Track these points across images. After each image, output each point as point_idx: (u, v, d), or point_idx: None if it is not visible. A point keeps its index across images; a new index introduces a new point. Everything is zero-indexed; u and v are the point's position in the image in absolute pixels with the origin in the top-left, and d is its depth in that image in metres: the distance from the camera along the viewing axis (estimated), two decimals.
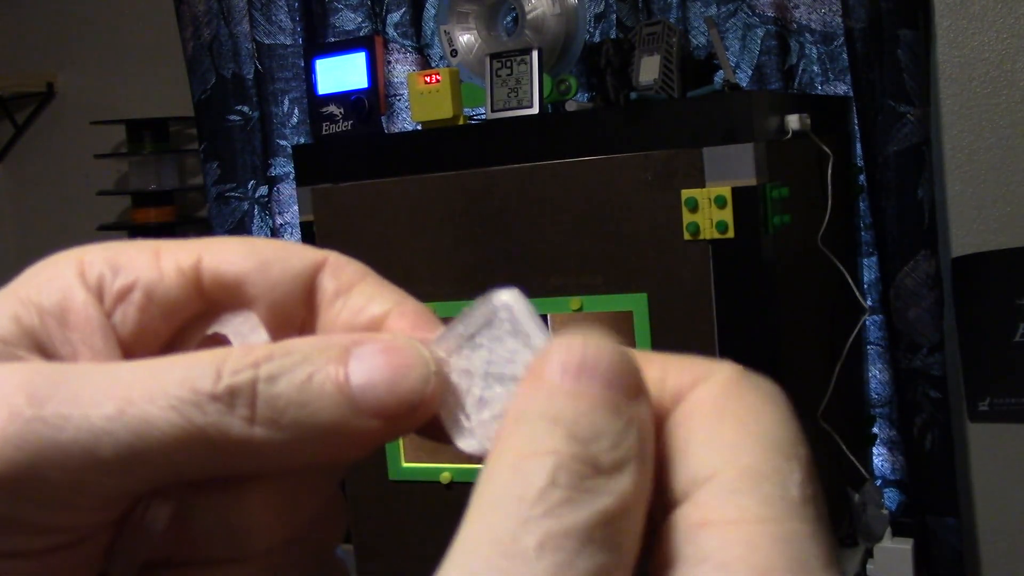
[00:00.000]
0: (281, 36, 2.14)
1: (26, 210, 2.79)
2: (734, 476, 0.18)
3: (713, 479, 0.18)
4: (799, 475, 0.18)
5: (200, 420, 0.19)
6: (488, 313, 0.22)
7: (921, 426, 1.68)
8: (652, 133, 1.28)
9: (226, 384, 0.20)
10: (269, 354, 0.20)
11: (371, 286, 0.24)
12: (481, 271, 1.41)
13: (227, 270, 0.23)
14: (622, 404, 0.19)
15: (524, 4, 1.53)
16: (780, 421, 0.19)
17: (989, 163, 1.69)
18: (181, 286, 0.23)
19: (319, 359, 0.20)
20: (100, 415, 0.19)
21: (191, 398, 0.20)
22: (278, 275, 0.23)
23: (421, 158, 1.46)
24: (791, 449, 0.19)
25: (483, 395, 0.21)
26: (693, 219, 1.24)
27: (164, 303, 0.23)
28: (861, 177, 1.69)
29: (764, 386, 0.20)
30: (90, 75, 2.61)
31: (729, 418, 0.19)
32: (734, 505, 0.18)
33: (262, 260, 0.23)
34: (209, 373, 0.20)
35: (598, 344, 0.20)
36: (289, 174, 2.14)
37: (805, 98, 1.57)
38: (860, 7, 1.62)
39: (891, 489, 1.76)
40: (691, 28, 1.77)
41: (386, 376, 0.21)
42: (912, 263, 1.65)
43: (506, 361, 0.21)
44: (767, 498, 0.18)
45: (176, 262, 0.23)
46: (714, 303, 1.25)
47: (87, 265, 0.23)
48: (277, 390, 0.20)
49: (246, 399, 0.20)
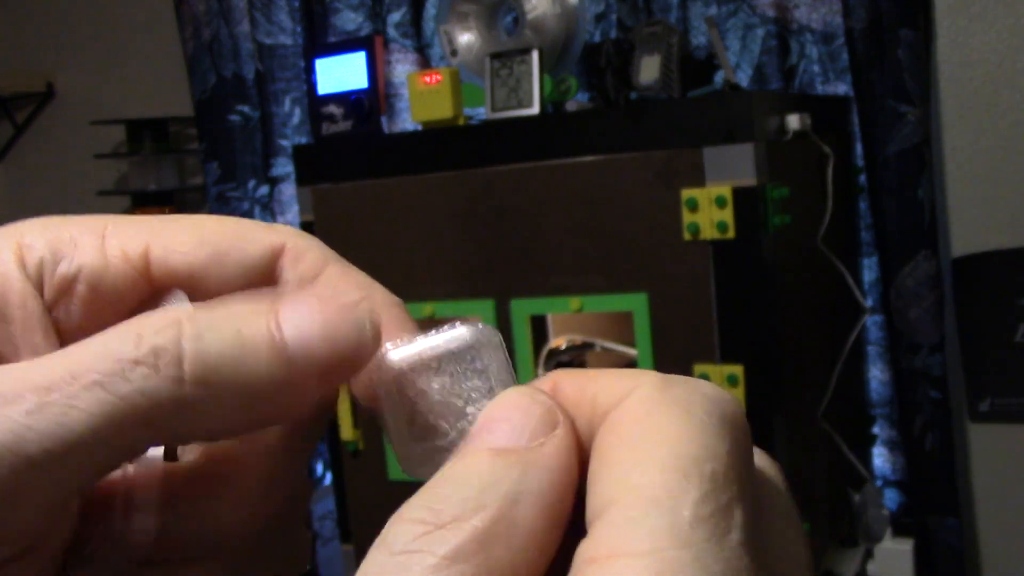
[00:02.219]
0: (281, 36, 2.14)
1: (26, 210, 2.78)
2: (627, 504, 0.18)
3: (609, 509, 0.18)
4: (696, 494, 0.17)
5: (126, 389, 0.18)
6: (460, 343, 0.21)
7: (921, 426, 1.68)
8: (652, 133, 1.28)
9: (148, 344, 0.18)
10: (191, 313, 0.19)
11: (336, 275, 0.23)
12: (481, 271, 1.41)
13: (177, 261, 0.22)
14: (509, 454, 0.19)
15: (524, 4, 1.53)
16: (687, 435, 0.18)
17: (989, 163, 1.69)
18: (127, 275, 0.22)
19: (246, 313, 0.20)
20: (21, 411, 0.18)
21: (113, 368, 0.18)
22: (232, 268, 0.22)
23: (421, 158, 1.46)
24: (692, 465, 0.18)
25: (434, 423, 0.21)
26: (693, 219, 1.24)
27: (110, 293, 0.22)
28: (861, 177, 1.69)
29: (682, 395, 0.19)
30: (90, 75, 2.61)
31: (633, 438, 0.19)
32: (618, 538, 0.17)
33: (214, 251, 0.22)
34: (129, 338, 0.19)
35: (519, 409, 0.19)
36: (289, 174, 2.14)
37: (805, 98, 1.57)
38: (860, 7, 1.62)
39: (891, 489, 1.76)
40: (691, 28, 1.77)
41: (321, 323, 0.20)
42: (912, 263, 1.65)
43: (464, 398, 0.21)
44: (652, 529, 0.17)
45: (123, 248, 0.22)
46: (714, 303, 1.25)
47: (26, 249, 0.21)
48: (204, 345, 0.19)
49: (172, 358, 0.18)
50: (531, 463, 0.18)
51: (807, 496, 1.39)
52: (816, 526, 1.39)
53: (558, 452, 0.19)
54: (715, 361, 1.26)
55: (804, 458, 1.38)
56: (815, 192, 1.47)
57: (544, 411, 0.19)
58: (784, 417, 1.28)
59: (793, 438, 1.32)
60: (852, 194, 1.68)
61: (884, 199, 1.66)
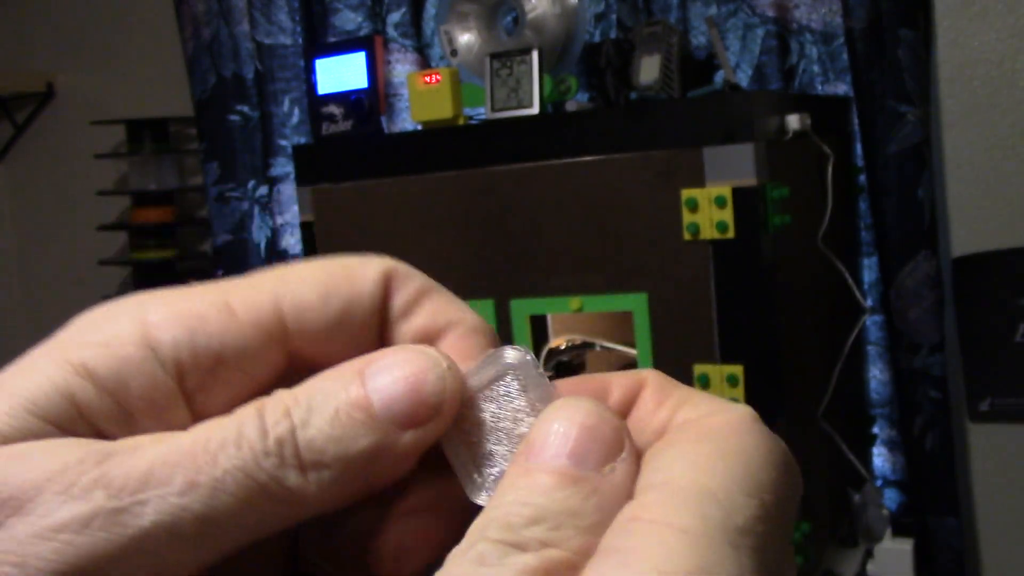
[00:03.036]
0: (281, 36, 2.14)
1: (26, 210, 2.79)
2: (684, 487, 0.19)
3: (664, 485, 0.19)
4: (754, 512, 0.19)
5: (262, 477, 0.20)
6: (499, 369, 0.22)
7: (921, 426, 1.68)
8: (652, 133, 1.28)
9: (273, 436, 0.20)
10: (295, 398, 0.21)
11: (435, 302, 0.24)
12: (481, 271, 1.41)
13: (313, 320, 0.23)
14: (582, 482, 0.19)
15: (524, 4, 1.53)
16: (764, 465, 0.20)
17: (989, 163, 1.69)
18: (269, 347, 0.22)
19: (339, 391, 0.21)
20: (173, 492, 0.19)
21: (250, 456, 0.20)
22: (361, 315, 0.23)
23: (421, 158, 1.46)
24: (758, 490, 0.19)
25: (492, 449, 0.22)
26: (693, 219, 1.24)
27: (251, 368, 0.22)
28: (861, 177, 1.69)
29: (767, 436, 0.21)
30: (90, 75, 2.61)
31: (712, 443, 0.20)
32: (668, 510, 0.18)
33: (344, 303, 0.23)
34: (257, 428, 0.20)
35: (589, 426, 0.20)
36: (289, 174, 2.14)
37: (805, 98, 1.57)
38: (860, 7, 1.62)
39: (891, 489, 1.76)
40: (691, 28, 1.77)
41: (405, 384, 0.21)
42: (912, 263, 1.65)
43: (513, 420, 0.22)
44: (705, 515, 0.18)
45: (255, 319, 0.22)
46: (714, 303, 1.25)
47: (155, 329, 0.21)
48: (311, 432, 0.21)
49: (291, 447, 0.20)
50: (606, 494, 0.19)
51: (807, 496, 1.39)
52: (816, 526, 1.39)
53: (626, 480, 0.20)
54: (715, 361, 1.26)
55: (804, 458, 1.38)
56: (815, 192, 1.46)
57: (611, 431, 0.20)
58: (784, 417, 1.28)
59: (793, 438, 1.32)
60: (852, 194, 1.68)
61: (884, 199, 1.66)
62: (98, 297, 1.75)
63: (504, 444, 0.22)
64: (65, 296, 2.74)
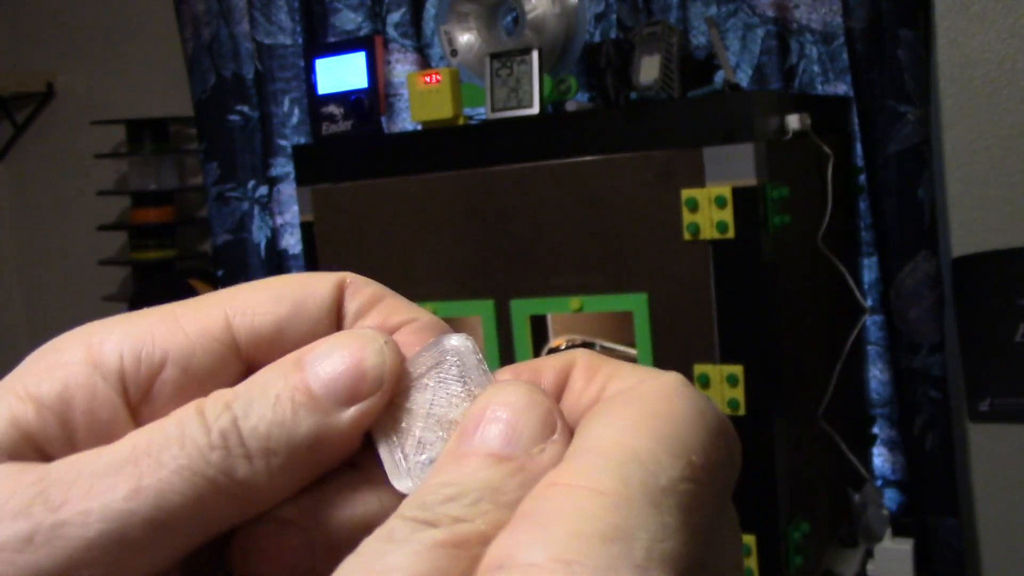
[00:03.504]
0: (281, 36, 2.14)
1: (26, 210, 2.79)
2: (608, 451, 0.18)
3: (586, 451, 0.19)
4: (679, 472, 0.18)
5: (210, 472, 0.20)
6: (438, 355, 0.22)
7: (921, 426, 1.68)
8: (652, 133, 1.28)
9: (216, 429, 0.20)
10: (235, 392, 0.21)
11: (388, 305, 0.24)
12: (481, 271, 1.41)
13: (263, 322, 0.23)
14: (509, 461, 0.19)
15: (524, 4, 1.53)
16: (692, 426, 0.19)
17: (989, 163, 1.69)
18: (216, 352, 0.22)
19: (278, 379, 0.21)
20: (118, 498, 0.19)
21: (195, 453, 0.20)
22: (312, 312, 0.23)
23: (421, 158, 1.46)
24: (685, 451, 0.19)
25: (421, 436, 0.22)
26: (693, 219, 1.24)
27: (201, 373, 0.22)
28: (861, 177, 1.69)
29: (698, 398, 0.20)
30: (90, 75, 2.61)
31: (637, 406, 0.20)
32: (587, 472, 0.18)
33: (292, 302, 0.23)
34: (198, 424, 0.20)
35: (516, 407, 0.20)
36: (289, 174, 2.14)
37: (805, 98, 1.57)
38: (860, 7, 1.62)
39: (891, 489, 1.76)
40: (691, 28, 1.77)
41: (343, 361, 0.21)
42: (912, 263, 1.65)
43: (447, 405, 0.22)
44: (625, 476, 0.18)
45: (202, 327, 0.22)
46: (714, 303, 1.25)
47: (97, 348, 0.21)
48: (254, 420, 0.20)
49: (235, 437, 0.20)
50: (532, 472, 0.19)
51: (807, 496, 1.39)
52: (816, 526, 1.39)
53: (555, 460, 0.19)
54: (715, 361, 1.26)
55: (804, 458, 1.38)
56: (815, 192, 1.46)
57: (543, 413, 0.20)
58: (784, 417, 1.28)
59: (793, 438, 1.32)
60: (852, 194, 1.68)
61: (884, 199, 1.66)
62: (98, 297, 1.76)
63: (435, 431, 0.22)
64: (65, 296, 2.74)
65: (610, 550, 0.17)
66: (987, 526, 1.75)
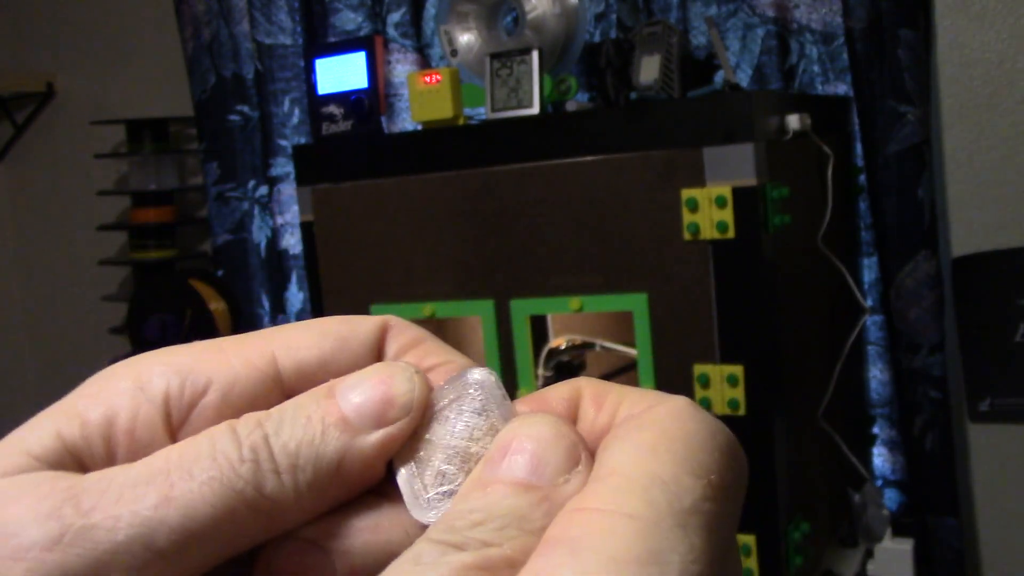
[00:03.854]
0: (281, 36, 2.14)
1: (26, 210, 2.79)
2: (631, 475, 0.19)
3: (609, 475, 0.19)
4: (701, 493, 0.19)
5: (239, 484, 0.20)
6: (460, 388, 0.23)
7: (921, 426, 1.68)
8: (652, 133, 1.28)
9: (247, 445, 0.21)
10: (267, 413, 0.22)
11: (427, 348, 0.25)
12: (481, 271, 1.41)
13: (307, 356, 0.23)
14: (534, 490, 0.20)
15: (524, 4, 1.53)
16: (707, 447, 0.20)
17: (989, 163, 1.69)
18: (257, 379, 0.23)
19: (310, 403, 0.22)
20: (148, 506, 0.20)
21: (226, 465, 0.20)
22: (356, 349, 0.24)
23: (421, 158, 1.46)
24: (704, 471, 0.19)
25: (441, 468, 0.22)
26: (693, 219, 1.24)
27: (242, 402, 0.23)
28: (861, 177, 1.69)
29: (708, 419, 0.21)
30: (90, 75, 2.61)
31: (653, 430, 0.20)
32: (614, 497, 0.18)
33: (336, 339, 0.24)
34: (230, 439, 0.21)
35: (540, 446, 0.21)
36: (289, 174, 2.14)
37: (805, 98, 1.57)
38: (860, 7, 1.62)
39: (891, 489, 1.76)
40: (691, 28, 1.77)
41: (373, 387, 0.22)
42: (912, 263, 1.65)
43: (468, 438, 0.22)
44: (652, 500, 0.18)
45: (247, 357, 0.23)
46: (714, 303, 1.25)
47: (145, 375, 0.22)
48: (284, 438, 0.21)
49: (265, 452, 0.21)
50: (557, 502, 0.20)
51: (807, 496, 1.39)
52: (816, 526, 1.39)
53: (579, 490, 0.20)
54: (715, 361, 1.26)
55: (804, 458, 1.38)
56: (815, 192, 1.46)
57: (568, 445, 0.21)
58: (784, 417, 1.28)
59: (793, 438, 1.32)
60: (852, 194, 1.68)
61: (884, 199, 1.66)
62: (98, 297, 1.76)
63: (454, 463, 0.22)
64: (65, 296, 2.74)
65: (648, 573, 0.17)
66: (987, 526, 1.75)
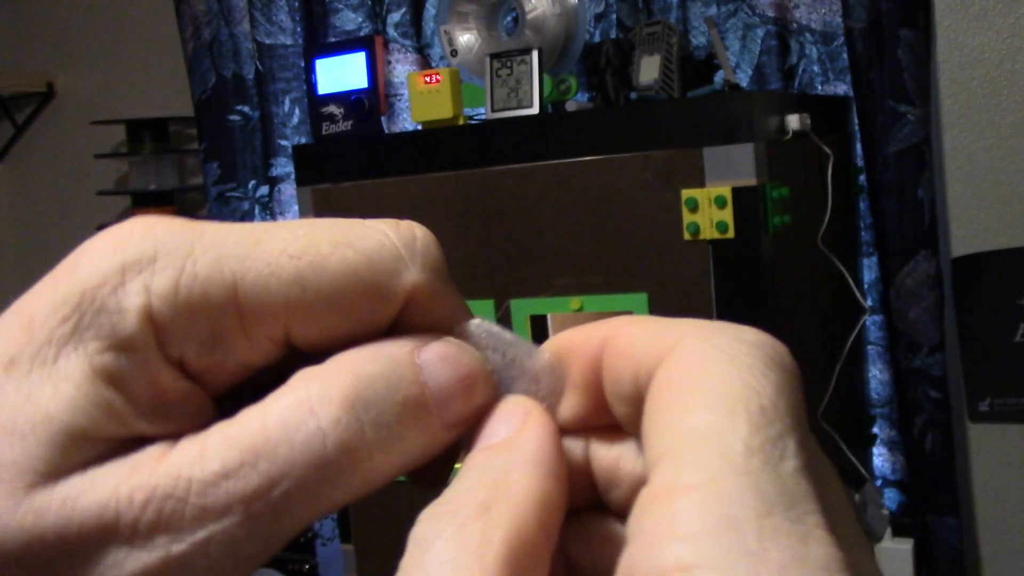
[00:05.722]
0: (281, 36, 2.14)
1: (26, 210, 2.79)
2: (679, 448, 0.18)
3: (663, 456, 0.19)
4: (744, 428, 0.18)
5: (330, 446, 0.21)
6: (532, 358, 0.25)
7: (921, 426, 1.68)
8: (652, 133, 1.28)
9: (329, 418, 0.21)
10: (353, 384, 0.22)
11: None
12: (481, 271, 1.41)
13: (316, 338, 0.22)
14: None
15: (524, 4, 1.53)
16: (730, 378, 0.19)
17: (989, 163, 1.69)
18: (274, 354, 0.22)
19: (397, 375, 0.22)
20: (234, 523, 0.20)
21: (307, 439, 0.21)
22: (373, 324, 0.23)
23: (421, 158, 1.46)
24: (737, 404, 0.18)
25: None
26: (693, 219, 1.24)
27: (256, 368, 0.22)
28: (861, 177, 1.69)
29: (724, 343, 0.20)
30: (90, 75, 2.61)
31: (679, 390, 0.19)
32: (674, 477, 0.18)
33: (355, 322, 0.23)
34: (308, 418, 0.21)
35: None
36: (289, 174, 2.14)
37: (805, 98, 1.57)
38: (860, 7, 1.62)
39: (891, 489, 1.76)
40: (691, 28, 1.77)
41: (452, 367, 0.23)
42: (912, 263, 1.65)
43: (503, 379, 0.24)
44: (705, 463, 0.18)
45: (266, 334, 0.22)
46: (714, 303, 1.25)
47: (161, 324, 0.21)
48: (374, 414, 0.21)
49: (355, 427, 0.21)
50: (512, 448, 0.21)
51: None
52: None
53: (539, 436, 0.21)
54: None
55: None
56: (815, 192, 1.46)
57: (522, 412, 0.22)
58: None
59: None
60: (852, 194, 1.68)
61: (884, 199, 1.66)
62: None
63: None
64: None
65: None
66: (987, 526, 1.75)
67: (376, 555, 1.53)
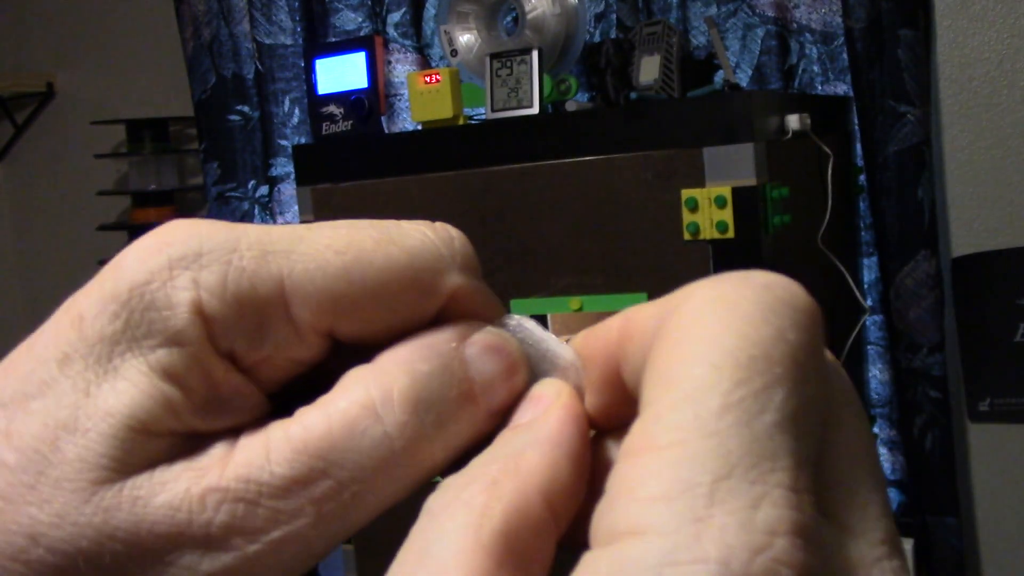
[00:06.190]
0: (281, 36, 2.14)
1: (26, 210, 2.79)
2: (660, 403, 0.18)
3: (645, 409, 0.18)
4: (726, 384, 0.17)
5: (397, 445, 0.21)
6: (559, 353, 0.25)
7: (921, 426, 1.68)
8: (652, 133, 1.28)
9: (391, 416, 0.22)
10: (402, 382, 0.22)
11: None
12: (481, 271, 1.41)
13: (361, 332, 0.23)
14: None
15: (524, 4, 1.53)
16: (726, 328, 0.18)
17: (989, 163, 1.69)
18: (320, 348, 0.23)
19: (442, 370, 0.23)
20: (306, 524, 0.20)
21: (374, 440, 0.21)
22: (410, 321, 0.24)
23: (421, 158, 1.46)
24: (726, 356, 0.18)
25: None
26: (693, 219, 1.24)
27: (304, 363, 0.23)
28: (861, 177, 1.69)
29: (729, 291, 0.19)
30: (90, 75, 2.61)
31: (673, 343, 0.19)
32: (648, 433, 0.18)
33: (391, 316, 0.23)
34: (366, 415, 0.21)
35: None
36: (289, 174, 2.14)
37: (805, 98, 1.57)
38: (860, 7, 1.62)
39: (891, 489, 1.76)
40: (691, 28, 1.77)
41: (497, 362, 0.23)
42: (912, 263, 1.65)
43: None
44: (677, 422, 0.17)
45: (312, 327, 0.22)
46: None
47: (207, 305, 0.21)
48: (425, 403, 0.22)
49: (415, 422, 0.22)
50: (532, 428, 0.21)
51: None
52: None
53: (559, 418, 0.21)
54: None
55: None
56: (815, 192, 1.47)
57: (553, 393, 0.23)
58: None
59: None
60: (852, 194, 1.68)
61: (884, 199, 1.66)
62: None
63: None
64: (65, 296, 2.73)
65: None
66: (987, 526, 1.75)
67: (376, 555, 1.53)
